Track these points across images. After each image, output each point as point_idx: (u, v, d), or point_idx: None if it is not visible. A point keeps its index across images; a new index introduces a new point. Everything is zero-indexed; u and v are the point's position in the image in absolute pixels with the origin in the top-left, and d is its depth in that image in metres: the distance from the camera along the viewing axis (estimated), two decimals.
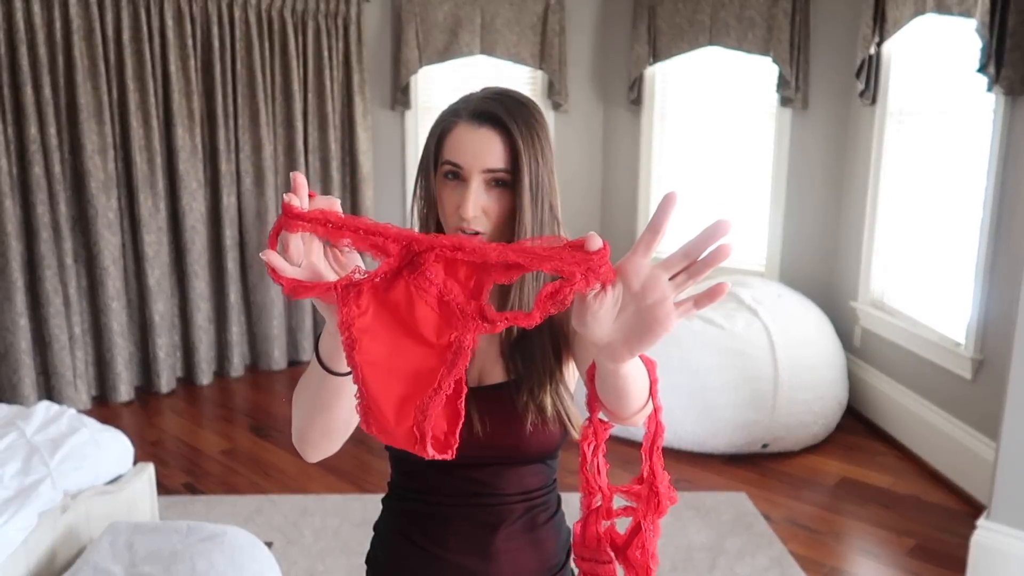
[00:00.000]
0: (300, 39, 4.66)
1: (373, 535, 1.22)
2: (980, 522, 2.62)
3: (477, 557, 1.11)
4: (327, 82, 4.76)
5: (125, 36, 4.05)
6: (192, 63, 4.28)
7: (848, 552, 2.92)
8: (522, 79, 5.15)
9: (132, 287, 4.34)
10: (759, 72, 4.50)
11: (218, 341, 4.70)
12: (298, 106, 4.69)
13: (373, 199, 5.07)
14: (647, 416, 0.87)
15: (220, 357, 4.71)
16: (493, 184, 1.04)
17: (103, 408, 4.17)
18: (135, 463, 2.59)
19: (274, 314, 4.74)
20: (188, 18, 4.23)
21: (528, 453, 1.09)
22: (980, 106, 3.16)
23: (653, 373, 0.85)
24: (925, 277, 3.67)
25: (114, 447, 2.49)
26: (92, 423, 2.53)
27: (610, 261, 0.68)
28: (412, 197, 1.11)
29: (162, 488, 3.15)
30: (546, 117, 5.09)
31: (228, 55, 4.42)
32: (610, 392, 0.82)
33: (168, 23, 4.16)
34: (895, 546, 2.91)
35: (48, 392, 4.03)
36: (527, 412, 1.06)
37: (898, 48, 3.77)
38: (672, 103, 4.97)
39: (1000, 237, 3.05)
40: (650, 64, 4.83)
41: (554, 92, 5.08)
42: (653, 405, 0.85)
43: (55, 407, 2.57)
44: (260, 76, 4.50)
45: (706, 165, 4.87)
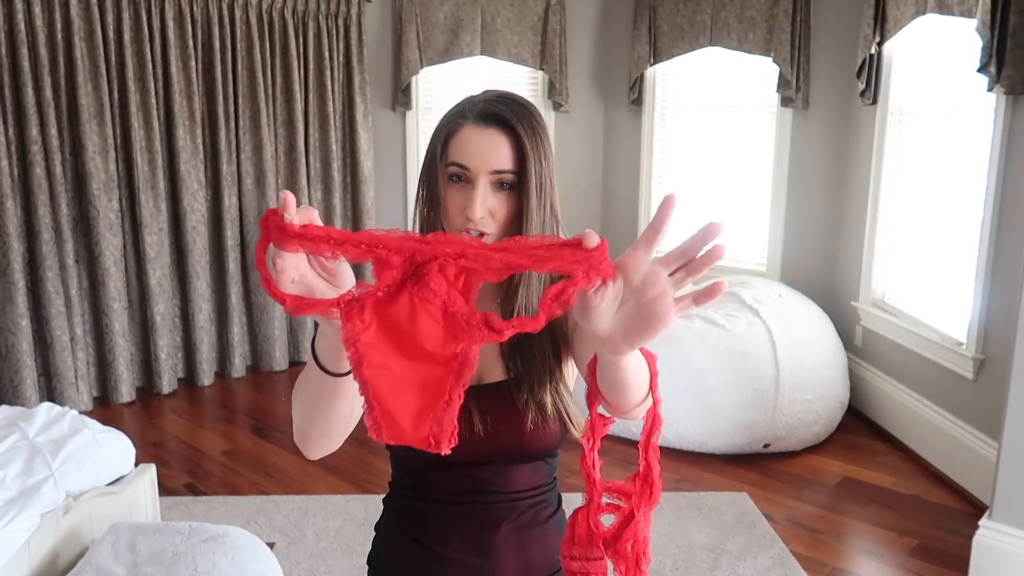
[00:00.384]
0: (301, 40, 4.67)
1: (374, 535, 1.23)
2: (982, 522, 2.62)
3: (478, 555, 1.11)
4: (328, 83, 4.76)
5: (126, 37, 4.05)
6: (193, 64, 4.29)
7: (850, 552, 2.92)
8: (523, 79, 5.16)
9: (133, 288, 4.34)
10: (760, 72, 4.50)
11: (219, 342, 4.70)
12: (299, 107, 4.69)
13: (374, 199, 5.07)
14: (647, 409, 0.87)
15: (221, 358, 4.72)
16: (499, 186, 1.04)
17: (105, 409, 4.18)
18: (137, 464, 2.59)
19: (275, 315, 4.75)
20: (189, 19, 4.24)
21: (529, 451, 1.09)
22: (981, 106, 3.16)
23: (653, 366, 0.85)
24: (926, 277, 3.67)
25: (116, 448, 2.49)
26: (94, 424, 2.53)
27: (609, 257, 0.68)
28: (415, 200, 1.11)
29: (164, 489, 3.15)
30: (547, 117, 5.06)
31: (229, 56, 4.42)
32: (610, 385, 0.82)
33: (169, 24, 4.17)
34: (897, 546, 2.91)
35: (50, 393, 4.03)
36: (527, 410, 1.06)
37: (899, 48, 3.77)
38: (673, 103, 4.97)
39: (1001, 236, 3.05)
40: (651, 64, 4.84)
41: (555, 92, 5.08)
42: (653, 399, 0.85)
43: (57, 408, 2.57)
44: (261, 77, 4.50)
45: (707, 165, 4.87)
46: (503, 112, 1.04)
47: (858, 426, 3.96)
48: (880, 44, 3.76)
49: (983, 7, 2.85)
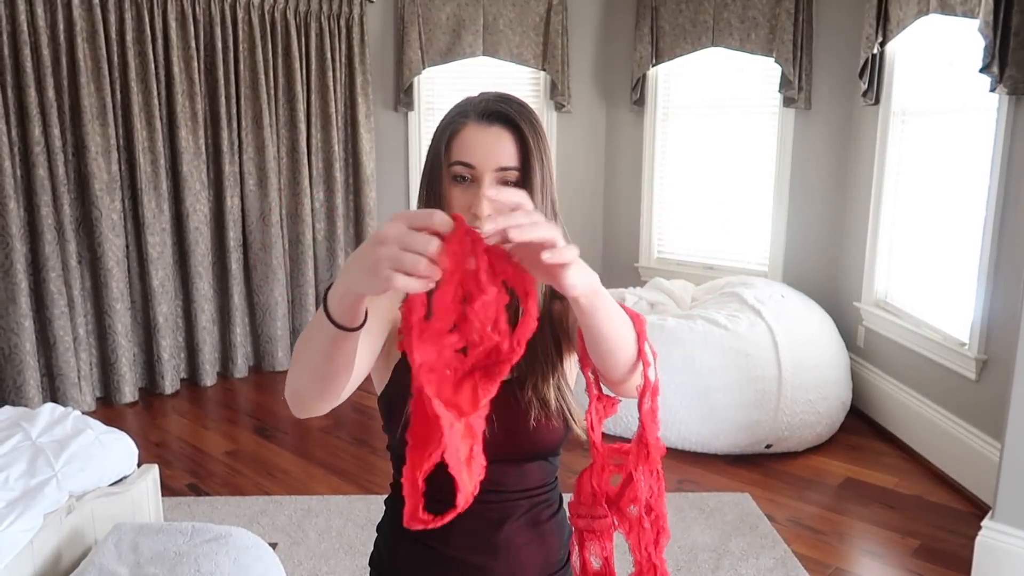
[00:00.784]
0: (303, 40, 4.68)
1: (376, 535, 1.23)
2: (984, 523, 2.61)
3: (481, 554, 1.11)
4: (330, 83, 4.76)
5: (129, 38, 4.06)
6: (196, 65, 4.29)
7: (852, 553, 2.92)
8: (525, 80, 5.16)
9: (136, 288, 4.35)
10: (762, 73, 4.50)
11: (222, 342, 4.71)
12: (301, 107, 4.70)
13: (376, 200, 5.07)
14: (639, 376, 0.89)
15: (224, 358, 4.72)
16: (503, 184, 1.04)
17: (107, 409, 4.18)
18: (139, 464, 2.59)
19: (277, 315, 4.75)
20: (191, 20, 4.25)
21: (532, 449, 1.10)
22: (983, 106, 3.16)
23: (639, 326, 0.87)
24: (929, 277, 3.66)
25: (119, 448, 2.49)
26: (97, 424, 2.53)
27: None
28: (417, 202, 1.11)
29: (166, 489, 3.15)
30: (549, 118, 5.07)
31: (231, 57, 4.43)
32: (595, 349, 0.85)
33: (172, 25, 4.17)
34: (899, 547, 2.90)
35: (53, 394, 4.04)
36: (531, 408, 1.07)
37: (901, 48, 3.77)
38: (675, 104, 4.97)
39: (1004, 236, 3.05)
40: (653, 65, 4.84)
41: (557, 93, 5.08)
42: (643, 362, 0.87)
43: (60, 409, 2.58)
44: (263, 77, 4.51)
45: (709, 166, 4.87)
46: (506, 110, 1.04)
47: (860, 427, 3.96)
48: (882, 44, 3.76)
49: (985, 7, 2.84)
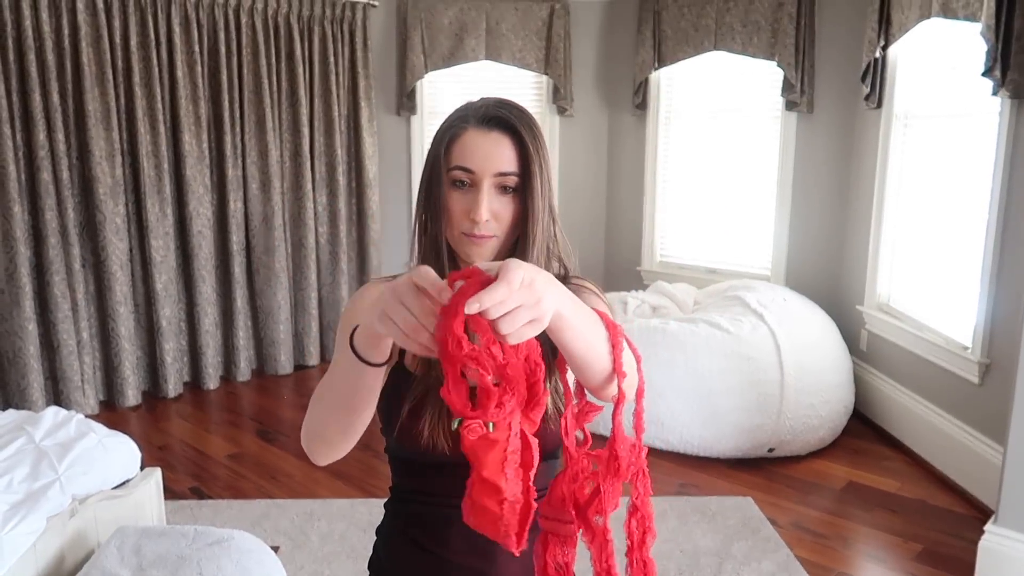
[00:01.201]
0: (306, 45, 4.69)
1: (376, 539, 1.23)
2: (987, 527, 2.61)
3: (480, 558, 1.11)
4: (333, 87, 4.78)
5: (132, 42, 4.07)
6: (199, 69, 4.31)
7: (855, 557, 2.91)
8: (527, 84, 5.17)
9: (139, 292, 4.36)
10: (764, 76, 4.50)
11: (225, 346, 4.72)
12: (304, 111, 4.71)
13: (379, 204, 5.09)
14: (632, 385, 0.89)
15: (227, 362, 4.73)
16: (502, 189, 1.05)
17: (111, 413, 4.19)
18: (142, 468, 2.60)
19: (280, 319, 4.76)
20: (195, 24, 4.26)
21: None
22: (986, 109, 3.16)
23: (614, 337, 0.87)
24: (931, 281, 3.66)
25: (122, 452, 2.50)
26: (100, 428, 2.54)
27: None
28: (415, 207, 1.12)
29: (169, 492, 3.16)
30: (551, 122, 5.08)
31: (235, 61, 4.44)
32: (568, 361, 0.86)
33: (175, 29, 4.19)
34: (902, 551, 2.90)
35: (56, 397, 4.04)
36: None
37: (903, 52, 3.77)
38: (677, 108, 4.98)
39: (1007, 240, 3.05)
40: (655, 69, 4.84)
41: (559, 97, 5.09)
42: (617, 373, 0.87)
43: (63, 412, 2.59)
44: (267, 82, 4.52)
45: (711, 170, 4.87)
46: (506, 116, 1.04)
47: (863, 430, 3.95)
48: (884, 48, 3.76)
49: (987, 11, 2.85)
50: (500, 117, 1.04)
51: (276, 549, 2.83)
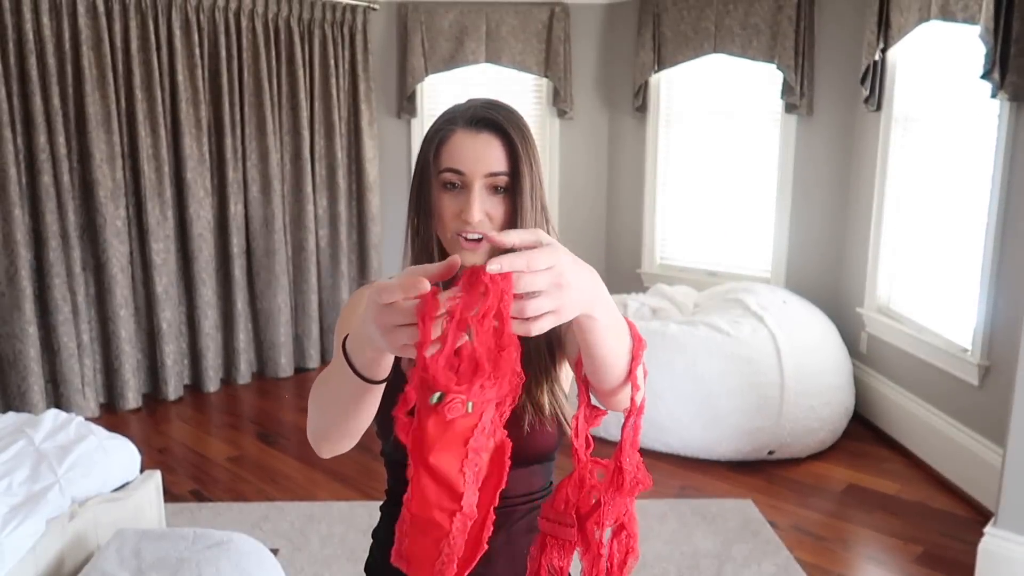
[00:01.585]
0: (307, 48, 4.70)
1: (372, 542, 1.23)
2: (987, 529, 2.61)
3: (479, 562, 1.11)
4: (334, 91, 4.78)
5: (133, 46, 4.08)
6: (200, 72, 4.32)
7: (855, 559, 2.91)
8: (527, 87, 5.18)
9: (140, 295, 4.37)
10: (764, 79, 4.50)
11: (225, 348, 4.72)
12: (305, 114, 4.72)
13: (379, 206, 5.09)
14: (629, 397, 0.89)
15: (227, 364, 4.73)
16: (493, 189, 1.05)
17: (111, 415, 4.19)
18: (142, 470, 2.60)
19: (281, 321, 4.77)
20: (196, 28, 4.27)
21: (525, 454, 1.10)
22: (985, 112, 3.16)
23: (638, 350, 0.86)
24: (931, 283, 3.66)
25: (121, 454, 2.50)
26: (100, 430, 2.55)
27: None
28: (408, 210, 1.12)
29: (169, 495, 3.16)
30: (551, 125, 5.07)
31: (235, 64, 4.45)
32: (587, 360, 0.84)
33: (176, 33, 4.20)
34: (902, 553, 2.90)
35: (57, 400, 4.05)
36: (524, 412, 1.07)
37: (903, 54, 3.77)
38: (677, 110, 4.98)
39: (1006, 242, 3.05)
40: (655, 71, 4.85)
41: (559, 100, 5.09)
42: (632, 385, 0.86)
43: (63, 415, 2.59)
44: (267, 85, 4.53)
45: (711, 172, 4.87)
46: (494, 116, 1.05)
47: (863, 433, 3.95)
48: (884, 51, 3.77)
49: (986, 14, 2.85)
50: (488, 118, 1.04)
51: (275, 551, 2.83)
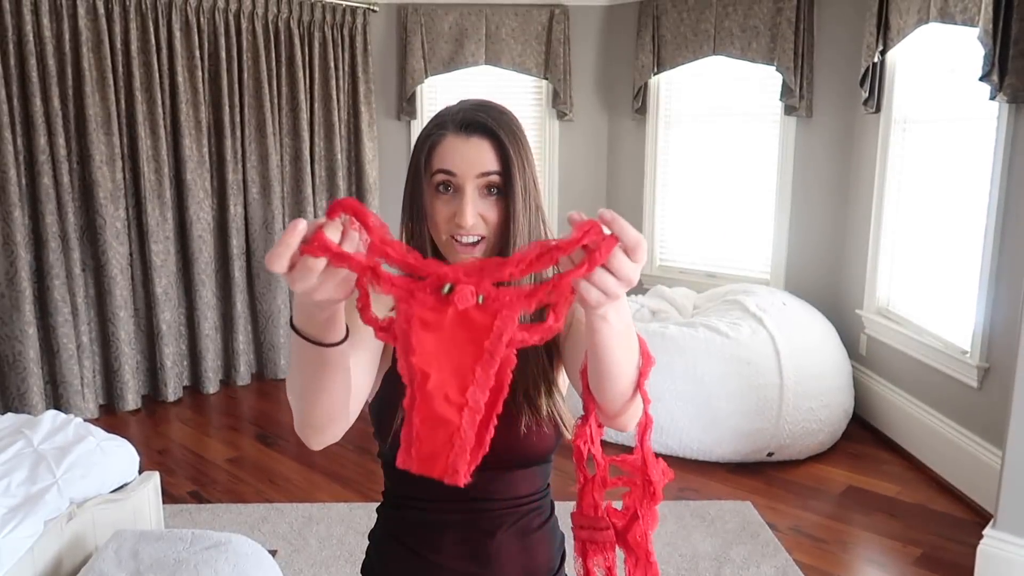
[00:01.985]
0: (307, 50, 4.70)
1: (368, 544, 1.23)
2: (986, 531, 2.61)
3: (472, 563, 1.11)
4: (333, 92, 4.79)
5: (133, 47, 4.09)
6: (200, 74, 4.32)
7: (854, 561, 2.91)
8: (527, 89, 5.18)
9: (139, 296, 4.37)
10: (763, 81, 4.51)
11: (225, 350, 4.72)
12: (305, 116, 4.72)
13: (379, 208, 5.09)
14: (637, 416, 0.89)
15: (227, 366, 4.73)
16: (487, 191, 1.04)
17: (110, 416, 4.19)
18: (141, 471, 2.60)
19: (280, 323, 4.76)
20: (196, 30, 4.27)
21: (523, 456, 1.10)
22: (984, 114, 3.16)
23: (647, 366, 0.86)
24: (931, 285, 3.66)
25: (120, 455, 2.50)
26: (98, 432, 2.55)
27: (602, 231, 0.70)
28: (401, 216, 1.11)
29: (168, 496, 3.16)
30: (551, 126, 5.06)
31: (235, 66, 4.46)
32: (599, 372, 0.84)
33: (176, 35, 4.20)
34: (901, 555, 2.89)
35: (56, 401, 4.05)
36: (521, 414, 1.06)
37: (902, 56, 3.78)
38: (677, 112, 4.98)
39: (1005, 244, 3.05)
40: (654, 73, 4.85)
41: (559, 101, 5.10)
42: (643, 399, 0.86)
43: (62, 416, 2.59)
44: (267, 87, 4.54)
45: (711, 174, 4.87)
46: (483, 119, 1.04)
47: (863, 435, 3.95)
48: (883, 53, 3.77)
49: (985, 16, 2.85)
50: (478, 122, 1.04)
51: (274, 553, 2.83)
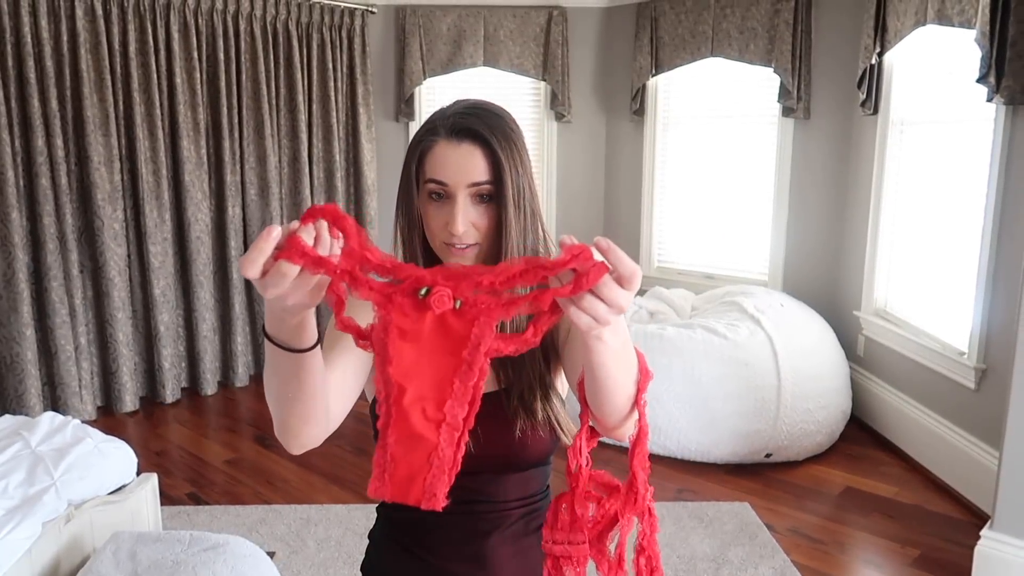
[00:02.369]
0: (305, 51, 4.70)
1: (368, 543, 1.24)
2: (983, 532, 2.61)
3: (469, 564, 1.12)
4: (332, 94, 4.79)
5: (131, 49, 4.08)
6: (198, 75, 4.32)
7: (852, 562, 2.91)
8: (525, 90, 5.18)
9: (138, 297, 4.36)
10: (761, 82, 4.51)
11: (223, 351, 4.72)
12: (303, 117, 4.72)
13: (377, 209, 5.09)
14: (633, 424, 0.89)
15: (225, 367, 4.73)
16: (479, 198, 1.04)
17: (108, 418, 4.19)
18: (139, 473, 2.60)
19: None
20: (194, 31, 4.27)
21: (519, 460, 1.10)
22: (981, 116, 3.17)
23: (644, 381, 0.86)
24: (928, 286, 3.67)
25: (118, 457, 2.50)
26: (96, 433, 2.54)
27: (591, 256, 0.69)
28: (395, 218, 1.11)
29: (166, 498, 3.16)
30: (549, 128, 5.05)
31: (233, 67, 4.46)
32: (595, 388, 0.84)
33: (174, 36, 4.20)
34: (899, 556, 2.90)
35: (54, 402, 4.04)
36: (516, 418, 1.07)
37: (899, 58, 3.78)
38: (675, 114, 4.99)
39: (1002, 246, 3.05)
40: (652, 75, 4.86)
41: (557, 103, 5.10)
42: (638, 411, 0.86)
43: (59, 417, 2.59)
44: (265, 88, 4.54)
45: (709, 175, 4.88)
46: (475, 125, 1.03)
47: (860, 436, 3.95)
48: (880, 55, 3.78)
49: (982, 18, 2.86)
50: (469, 127, 1.03)
51: (272, 555, 2.83)
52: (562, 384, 1.14)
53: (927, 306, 3.65)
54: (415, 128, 5.11)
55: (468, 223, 1.03)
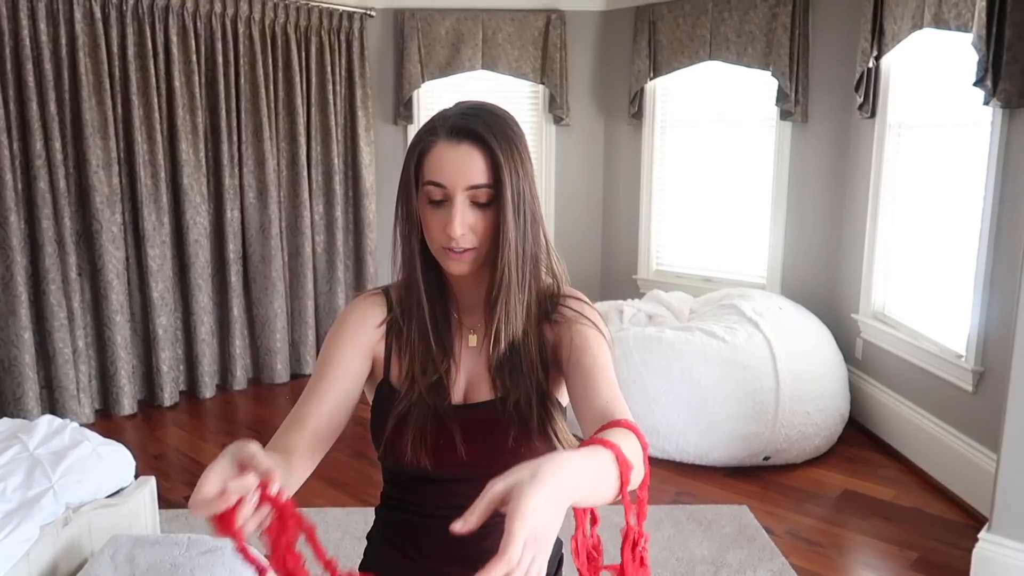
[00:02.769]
0: (303, 54, 4.71)
1: (366, 544, 1.24)
2: (981, 535, 2.61)
3: (462, 567, 1.12)
4: (330, 97, 4.79)
5: (130, 52, 4.09)
6: (196, 78, 4.32)
7: (850, 565, 2.91)
8: (523, 93, 5.19)
9: (136, 301, 4.36)
10: (759, 86, 4.52)
11: (221, 354, 4.72)
12: (301, 121, 4.72)
13: (375, 212, 5.10)
14: (641, 476, 0.90)
15: (223, 370, 4.73)
16: (477, 200, 1.03)
17: (106, 421, 4.19)
18: (137, 476, 2.59)
19: (277, 327, 4.76)
20: (192, 34, 4.28)
21: (511, 467, 1.10)
22: (978, 119, 3.17)
23: (626, 475, 0.84)
24: (926, 289, 3.67)
25: (116, 460, 2.49)
26: (94, 436, 2.54)
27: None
28: (394, 218, 1.11)
29: (165, 501, 3.15)
30: (547, 131, 5.06)
31: (232, 70, 4.46)
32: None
33: (173, 39, 4.20)
34: (897, 559, 2.90)
35: (51, 405, 4.04)
36: (510, 426, 1.06)
37: (897, 62, 3.79)
38: (673, 117, 5.00)
39: (1000, 248, 3.06)
40: (651, 78, 4.86)
41: (555, 106, 5.11)
42: (625, 507, 0.86)
43: (57, 420, 2.58)
44: (264, 91, 4.54)
45: (707, 178, 4.89)
46: (475, 126, 1.02)
47: (859, 438, 3.96)
48: (878, 58, 3.78)
49: (979, 21, 2.87)
50: (469, 128, 1.02)
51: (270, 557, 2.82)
52: (562, 395, 1.14)
53: (925, 309, 3.66)
54: (413, 131, 5.11)
55: (466, 226, 1.02)
